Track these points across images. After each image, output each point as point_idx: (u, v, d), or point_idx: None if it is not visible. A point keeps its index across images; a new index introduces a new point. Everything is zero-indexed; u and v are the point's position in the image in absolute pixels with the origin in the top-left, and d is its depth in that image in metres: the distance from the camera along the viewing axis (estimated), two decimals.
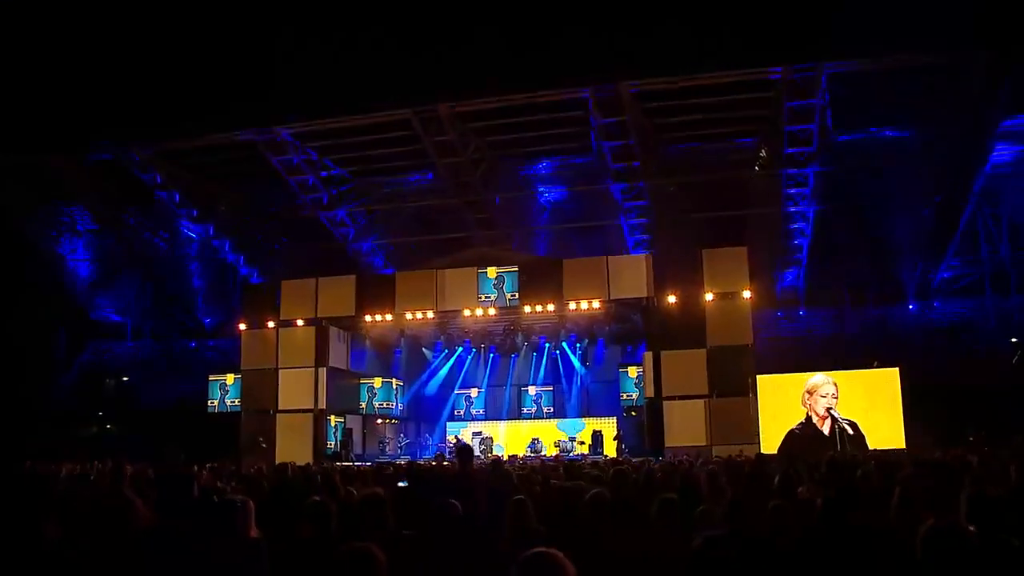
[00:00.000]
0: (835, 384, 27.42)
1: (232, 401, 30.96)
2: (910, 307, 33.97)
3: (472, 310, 28.66)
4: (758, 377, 27.11)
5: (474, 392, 34.44)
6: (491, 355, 33.98)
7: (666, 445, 26.14)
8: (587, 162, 33.51)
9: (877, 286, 33.71)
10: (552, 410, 33.32)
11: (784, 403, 27.83)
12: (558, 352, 32.92)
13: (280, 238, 37.03)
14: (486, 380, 34.36)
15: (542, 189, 35.30)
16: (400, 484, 9.23)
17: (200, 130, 32.47)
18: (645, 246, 33.66)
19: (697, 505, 6.87)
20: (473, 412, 34.27)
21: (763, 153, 31.98)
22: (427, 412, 34.63)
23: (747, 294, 27.10)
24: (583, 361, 32.73)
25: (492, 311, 28.75)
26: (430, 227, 35.99)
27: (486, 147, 32.64)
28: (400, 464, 19.13)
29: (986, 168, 29.74)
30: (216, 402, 31.50)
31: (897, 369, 26.64)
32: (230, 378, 31.32)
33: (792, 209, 32.43)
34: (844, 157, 30.76)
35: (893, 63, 27.44)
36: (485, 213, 34.64)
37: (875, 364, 28.50)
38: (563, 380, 33.38)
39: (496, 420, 33.34)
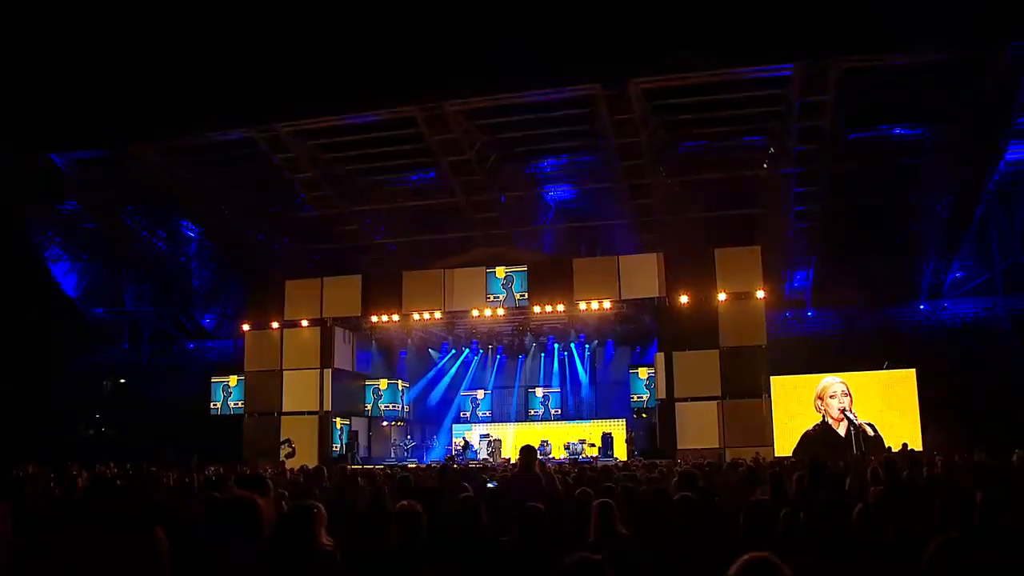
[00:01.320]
0: (845, 384, 27.22)
1: (235, 403, 30.55)
2: (921, 307, 33.74)
3: (480, 310, 28.36)
4: (772, 378, 26.89)
5: (480, 394, 34.06)
6: (498, 356, 33.65)
7: (678, 447, 25.84)
8: (593, 160, 33.22)
9: (887, 286, 33.42)
10: (560, 412, 32.97)
11: (797, 405, 27.62)
12: (566, 353, 32.61)
13: (281, 237, 36.64)
14: (492, 381, 34.01)
15: (547, 188, 34.96)
16: (489, 485, 8.83)
17: (201, 128, 32.07)
18: (653, 245, 33.27)
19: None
20: (479, 414, 33.88)
21: (772, 151, 31.72)
22: (432, 414, 34.23)
23: (761, 294, 26.84)
24: (591, 362, 32.46)
25: (501, 311, 28.45)
26: (433, 227, 35.64)
27: (491, 145, 32.29)
28: (430, 466, 18.73)
29: (1000, 166, 29.45)
30: (219, 404, 31.05)
31: (913, 370, 26.42)
32: (233, 380, 30.89)
33: (802, 208, 32.09)
34: (855, 155, 30.47)
35: (905, 60, 27.19)
36: (490, 212, 34.31)
37: (886, 365, 28.28)
38: (569, 382, 33.06)
39: (503, 422, 32.90)
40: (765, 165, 32.08)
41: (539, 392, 33.35)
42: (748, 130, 31.51)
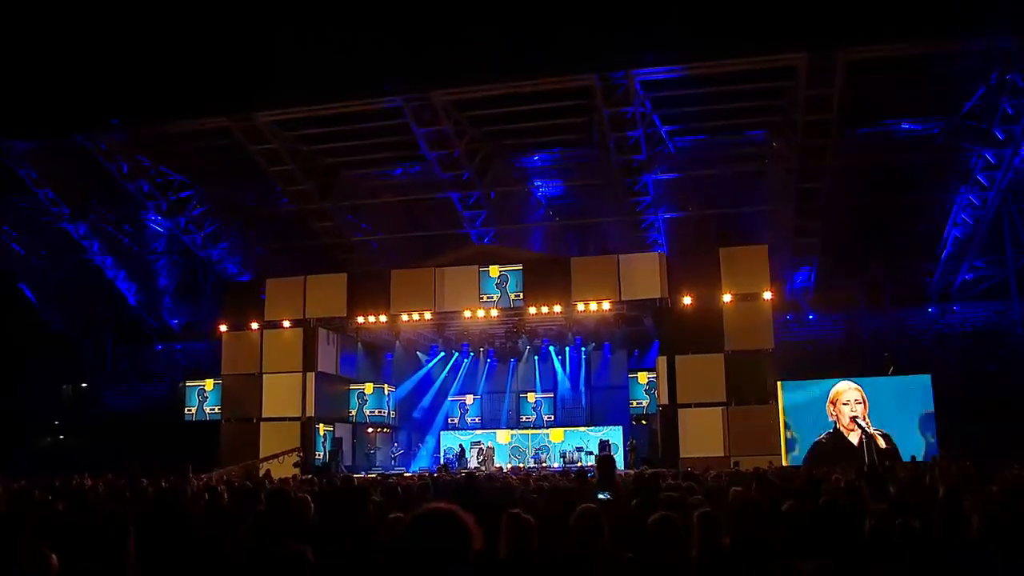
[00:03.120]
0: (860, 392, 27.12)
1: (212, 408, 29.99)
2: (929, 310, 33.74)
3: (473, 311, 27.96)
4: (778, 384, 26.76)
5: (469, 399, 33.66)
6: (489, 360, 33.30)
7: (681, 456, 25.59)
8: (588, 155, 32.99)
9: (893, 288, 33.46)
10: (553, 418, 32.59)
11: (804, 412, 27.49)
12: (560, 357, 32.35)
13: (260, 233, 36.12)
14: (483, 386, 33.65)
15: (538, 183, 34.72)
16: (600, 496, 8.49)
17: (174, 116, 31.49)
18: (651, 244, 33.14)
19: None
20: (468, 420, 33.49)
21: (774, 145, 31.66)
22: (418, 420, 33.78)
23: (768, 295, 26.60)
24: (587, 366, 32.27)
25: (494, 312, 28.10)
26: (417, 223, 35.31)
27: (480, 138, 31.99)
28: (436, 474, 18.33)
29: (1015, 163, 29.45)
30: (194, 409, 30.50)
31: (929, 376, 26.38)
32: (209, 384, 30.33)
33: (804, 206, 31.95)
34: (861, 151, 30.40)
35: (915, 49, 27.05)
36: (478, 208, 34.04)
37: (890, 371, 28.28)
38: (563, 387, 32.79)
39: (493, 429, 32.48)
40: (766, 161, 32.04)
41: (531, 397, 33.02)
42: (750, 124, 31.39)
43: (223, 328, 29.49)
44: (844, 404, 26.93)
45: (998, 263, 32.64)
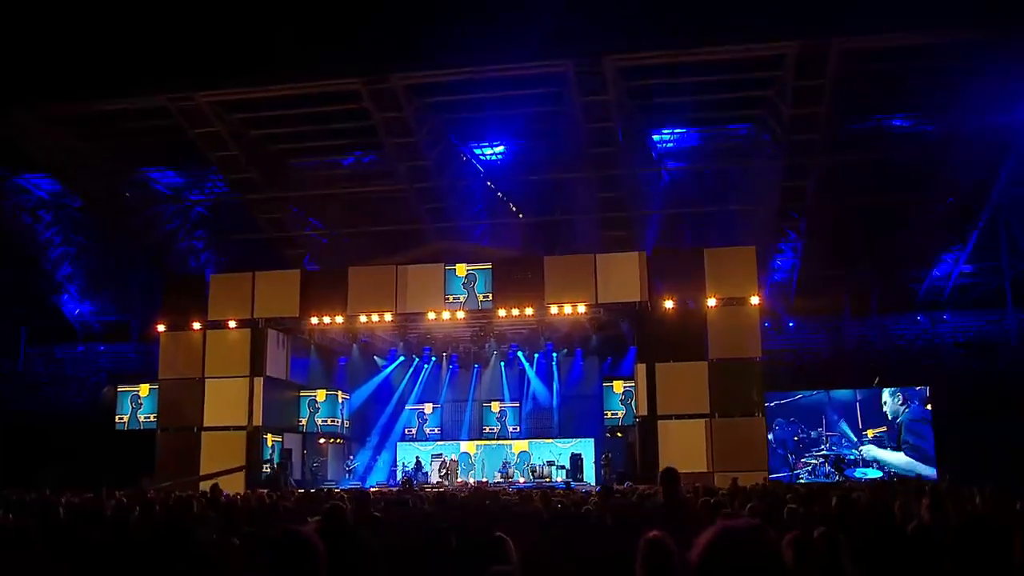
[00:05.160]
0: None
1: (146, 416, 29.40)
2: (918, 319, 34.27)
3: (438, 312, 27.85)
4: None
5: (428, 408, 33.52)
6: (451, 366, 33.18)
7: (660, 471, 25.62)
8: (560, 148, 33.02)
9: (880, 295, 33.94)
10: (519, 429, 32.55)
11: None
12: (528, 363, 32.32)
13: (200, 225, 35.62)
14: (444, 394, 33.51)
15: (505, 176, 34.66)
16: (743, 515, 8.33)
17: (104, 93, 30.78)
18: (626, 243, 33.19)
19: None
20: (427, 431, 33.32)
21: (759, 140, 31.97)
22: (374, 430, 33.48)
23: (755, 300, 26.78)
24: (557, 374, 32.28)
25: (461, 314, 28.01)
26: (369, 216, 35.06)
27: (442, 126, 31.88)
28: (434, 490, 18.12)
29: (1009, 163, 29.98)
30: (126, 417, 29.87)
31: (927, 388, 26.82)
32: (144, 389, 29.68)
33: (788, 205, 32.28)
34: (851, 148, 30.76)
35: (911, 41, 27.33)
36: (437, 203, 33.92)
37: (876, 382, 28.69)
38: (531, 395, 32.77)
39: (454, 440, 32.39)
40: (751, 156, 32.34)
41: (496, 407, 32.90)
42: (734, 117, 31.71)
43: (161, 328, 28.88)
44: None
45: (991, 270, 33.23)
